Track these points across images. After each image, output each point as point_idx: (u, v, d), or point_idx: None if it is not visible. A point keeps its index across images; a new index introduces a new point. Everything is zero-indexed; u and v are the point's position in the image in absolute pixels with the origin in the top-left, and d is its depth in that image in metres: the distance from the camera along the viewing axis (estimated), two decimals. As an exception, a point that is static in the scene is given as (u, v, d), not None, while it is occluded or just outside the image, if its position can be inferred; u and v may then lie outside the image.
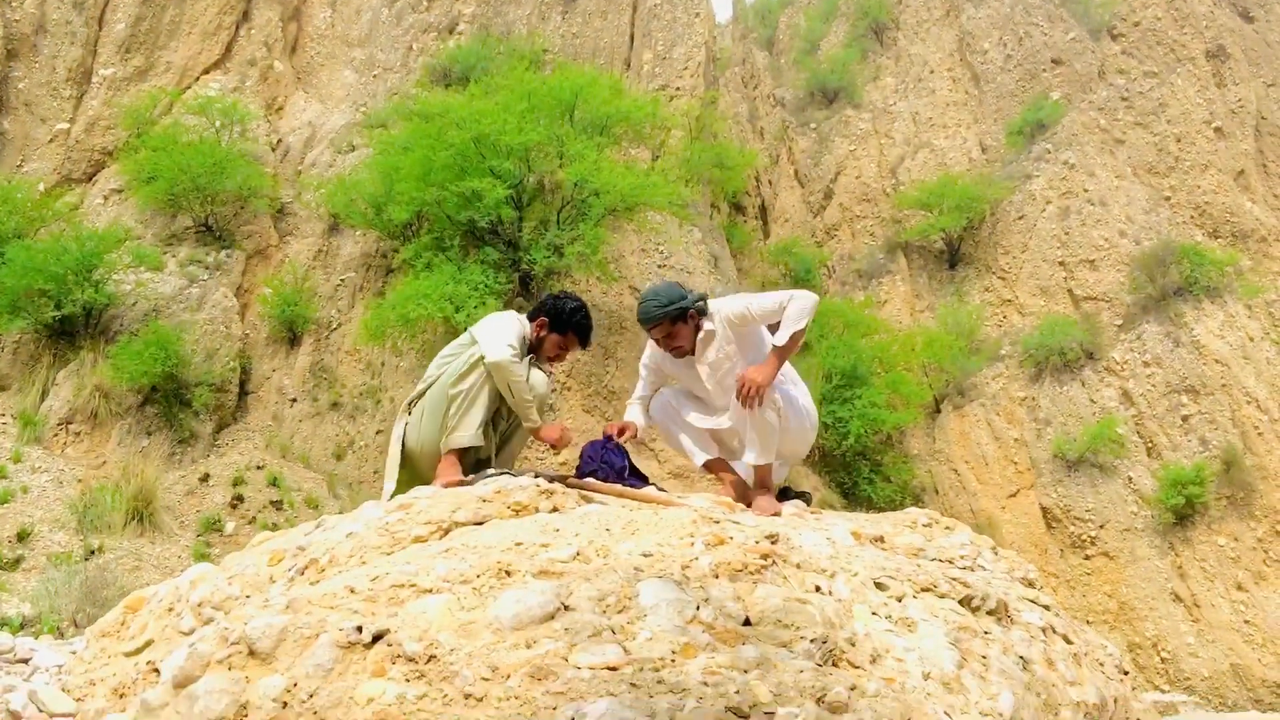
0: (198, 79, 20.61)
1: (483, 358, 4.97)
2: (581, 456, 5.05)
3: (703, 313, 5.09)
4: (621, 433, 5.13)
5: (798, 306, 4.81)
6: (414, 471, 5.18)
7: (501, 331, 5.05)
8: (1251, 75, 26.33)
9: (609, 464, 4.93)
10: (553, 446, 5.11)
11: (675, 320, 5.04)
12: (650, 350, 5.31)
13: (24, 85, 19.28)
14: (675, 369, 5.23)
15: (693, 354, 5.11)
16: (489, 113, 16.67)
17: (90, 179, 19.13)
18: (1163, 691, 17.52)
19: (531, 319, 5.37)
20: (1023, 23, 28.48)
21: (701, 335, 5.06)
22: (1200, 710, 16.92)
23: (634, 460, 5.11)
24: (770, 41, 34.28)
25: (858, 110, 29.04)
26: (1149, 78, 25.93)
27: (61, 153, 19.11)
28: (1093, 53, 27.27)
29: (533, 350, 5.30)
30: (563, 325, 5.33)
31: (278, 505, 14.82)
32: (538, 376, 5.26)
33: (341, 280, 18.74)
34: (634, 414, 5.28)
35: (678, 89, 23.41)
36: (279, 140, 20.66)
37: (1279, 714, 16.15)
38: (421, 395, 5.19)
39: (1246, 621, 18.04)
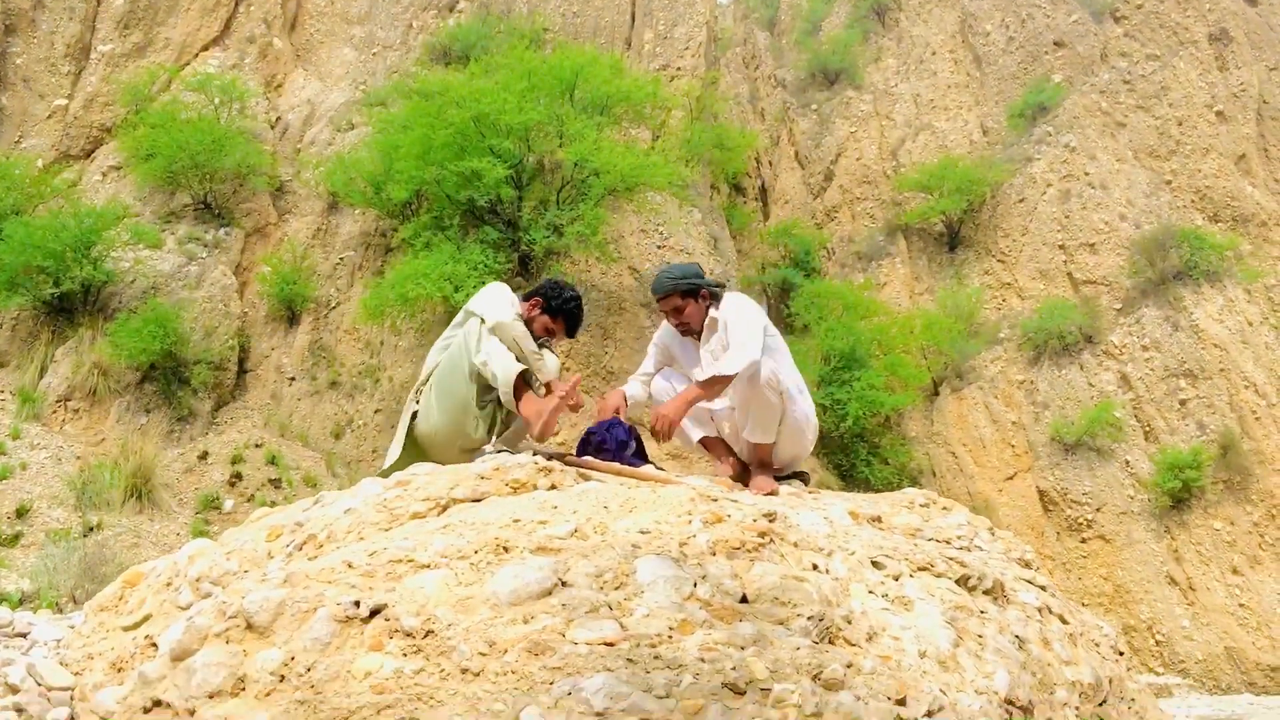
0: (196, 56, 20.52)
1: (483, 322, 4.98)
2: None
3: (716, 298, 5.10)
4: (617, 410, 5.13)
5: (735, 356, 4.71)
6: (426, 459, 5.14)
7: (500, 299, 5.08)
8: (1254, 59, 26.23)
9: (614, 436, 4.92)
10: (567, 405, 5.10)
11: (685, 295, 5.06)
12: (663, 329, 5.33)
13: (22, 61, 19.20)
14: (681, 351, 5.24)
15: (698, 337, 5.13)
16: (489, 92, 16.61)
17: (89, 155, 19.07)
18: (1157, 674, 17.61)
19: (528, 298, 5.37)
20: (1025, 4, 28.36)
21: (708, 320, 5.08)
22: (1194, 693, 17.01)
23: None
24: (772, 22, 34.13)
25: (859, 92, 28.94)
26: (1151, 60, 25.85)
27: (60, 129, 19.05)
28: (1095, 35, 27.16)
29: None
30: (555, 310, 5.32)
31: (276, 483, 14.84)
32: (551, 360, 5.27)
33: (340, 259, 18.72)
34: (632, 387, 5.29)
35: (678, 69, 23.32)
36: (278, 118, 20.59)
37: (1272, 697, 16.26)
38: (427, 380, 5.14)
39: (1241, 605, 18.11)
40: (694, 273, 5.11)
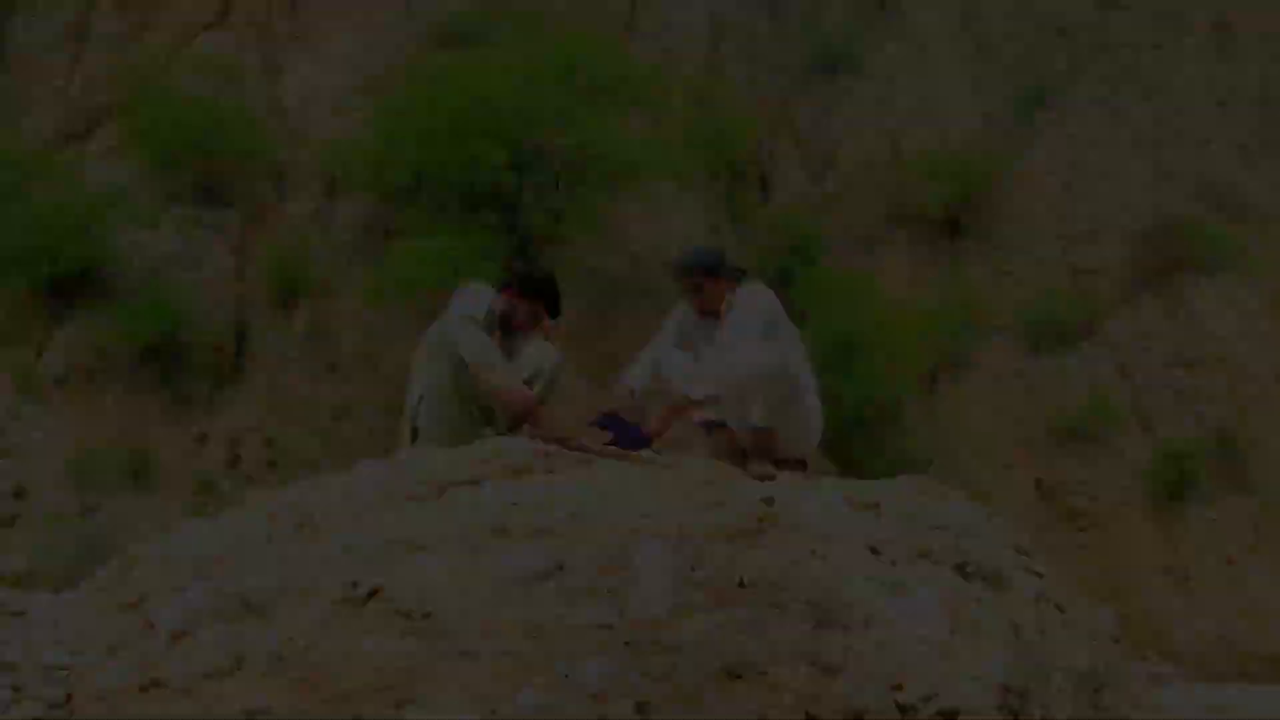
0: (196, 37, 20.43)
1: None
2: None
3: (738, 282, 5.13)
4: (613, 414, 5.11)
5: (723, 373, 4.75)
6: None
7: (468, 301, 4.97)
8: (1256, 49, 26.14)
9: (628, 436, 4.90)
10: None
11: (708, 273, 5.09)
12: (679, 309, 5.33)
13: (22, 41, 19.12)
14: (695, 331, 5.24)
15: (717, 319, 5.14)
16: (489, 76, 16.56)
17: (87, 136, 19.01)
18: (1152, 663, 17.66)
19: (502, 289, 5.27)
20: (1028, -7, 28.26)
21: (725, 304, 5.10)
22: (1189, 682, 17.06)
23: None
24: (773, 8, 33.94)
25: (860, 79, 28.81)
26: (1153, 50, 25.75)
27: (59, 110, 18.98)
28: (1098, 24, 27.05)
29: (503, 321, 5.18)
30: (532, 294, 5.24)
31: (274, 465, 14.85)
32: (550, 351, 5.19)
33: (340, 242, 18.68)
34: (636, 373, 5.30)
35: (680, 55, 23.23)
36: (277, 100, 20.51)
37: (1267, 686, 16.30)
38: (421, 398, 5.05)
39: (1237, 595, 18.15)
40: (717, 253, 5.22)
